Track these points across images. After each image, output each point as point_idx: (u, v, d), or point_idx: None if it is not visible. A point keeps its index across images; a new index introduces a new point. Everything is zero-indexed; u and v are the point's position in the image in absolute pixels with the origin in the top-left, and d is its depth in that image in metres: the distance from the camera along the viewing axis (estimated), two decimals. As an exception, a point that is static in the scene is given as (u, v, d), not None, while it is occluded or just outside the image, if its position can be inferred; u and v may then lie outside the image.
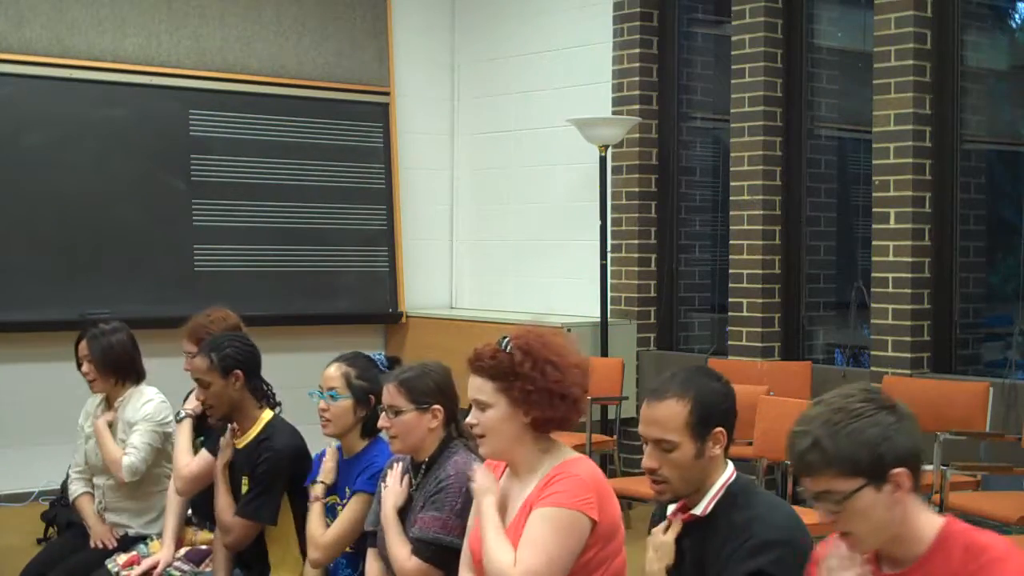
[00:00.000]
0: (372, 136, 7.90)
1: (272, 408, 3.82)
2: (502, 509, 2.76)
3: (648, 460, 2.47)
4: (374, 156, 7.90)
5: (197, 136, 7.27)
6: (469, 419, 2.77)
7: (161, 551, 4.00)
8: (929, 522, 2.07)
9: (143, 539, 4.19)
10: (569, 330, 6.89)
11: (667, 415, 2.45)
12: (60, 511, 5.35)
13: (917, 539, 2.06)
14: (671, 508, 2.55)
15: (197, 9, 7.32)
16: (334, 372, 3.49)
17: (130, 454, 4.15)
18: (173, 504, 4.06)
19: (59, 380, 4.65)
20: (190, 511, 4.13)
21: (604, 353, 6.80)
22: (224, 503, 3.70)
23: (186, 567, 3.95)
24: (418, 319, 7.88)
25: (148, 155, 7.11)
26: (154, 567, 3.97)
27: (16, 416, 6.67)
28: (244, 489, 3.68)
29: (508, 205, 8.03)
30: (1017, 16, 6.52)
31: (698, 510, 2.47)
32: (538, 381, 2.68)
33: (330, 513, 3.46)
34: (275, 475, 3.64)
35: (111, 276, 6.93)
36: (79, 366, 4.35)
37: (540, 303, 7.67)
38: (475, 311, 8.00)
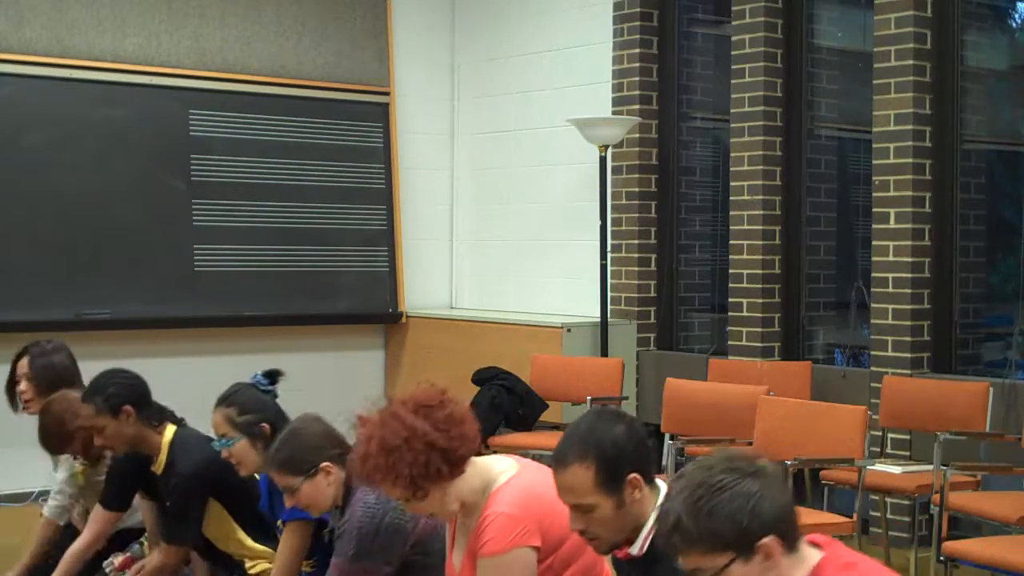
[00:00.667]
0: (372, 136, 7.90)
1: (174, 422, 3.80)
2: (459, 545, 2.77)
3: (573, 523, 2.45)
4: (374, 156, 7.90)
5: (197, 136, 7.26)
6: (408, 511, 2.75)
7: (151, 554, 4.01)
8: (803, 572, 2.04)
9: (137, 539, 4.19)
10: (569, 330, 6.90)
11: (574, 482, 2.42)
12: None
13: None
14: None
15: (197, 9, 7.32)
16: (218, 419, 3.47)
17: (53, 499, 4.21)
18: (148, 509, 4.05)
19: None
20: None
21: (604, 353, 6.80)
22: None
23: (178, 568, 3.95)
24: (418, 319, 7.88)
25: (148, 155, 7.11)
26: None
27: (16, 416, 6.65)
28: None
29: (508, 205, 8.03)
30: (1017, 16, 6.51)
31: (635, 550, 2.46)
32: (401, 466, 2.59)
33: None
34: (187, 498, 3.63)
35: (111, 276, 6.92)
36: (15, 384, 4.35)
37: (540, 303, 7.67)
38: (475, 311, 8.00)
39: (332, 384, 7.21)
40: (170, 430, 3.74)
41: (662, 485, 2.49)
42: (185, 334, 7.16)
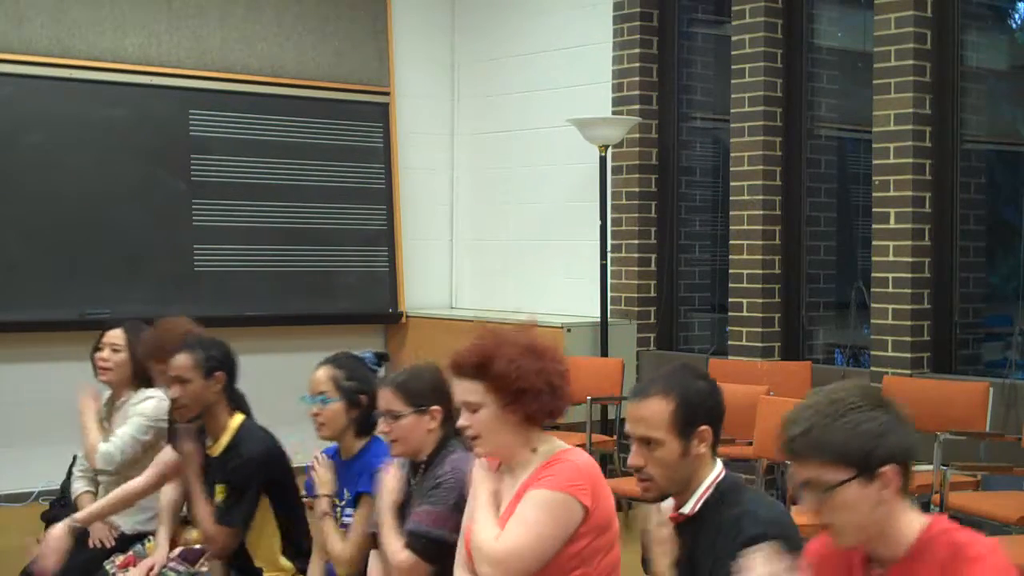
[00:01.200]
0: (372, 136, 7.90)
1: (244, 413, 3.81)
2: (496, 504, 2.75)
3: (634, 458, 2.49)
4: (374, 156, 7.90)
5: (197, 136, 7.27)
6: (461, 422, 2.74)
7: (155, 552, 4.00)
8: (915, 521, 2.06)
9: (141, 539, 4.18)
10: (569, 330, 6.90)
11: (651, 413, 2.46)
12: (60, 511, 5.32)
13: (902, 538, 2.05)
14: (665, 505, 2.54)
15: (197, 9, 7.32)
16: (322, 376, 3.48)
17: (109, 442, 4.15)
18: (167, 504, 4.06)
19: (59, 380, 4.65)
20: (184, 510, 4.12)
21: (604, 353, 6.80)
22: (204, 512, 3.66)
23: (181, 567, 3.93)
24: (418, 319, 7.88)
25: (148, 155, 7.11)
26: (150, 568, 3.96)
27: (16, 416, 6.67)
28: (217, 497, 3.65)
29: (508, 205, 8.03)
30: (1017, 16, 6.52)
31: (687, 508, 2.48)
32: (520, 374, 2.66)
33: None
34: (247, 480, 3.61)
35: (111, 276, 6.93)
36: (97, 350, 4.36)
37: (540, 303, 7.67)
38: (475, 311, 8.00)
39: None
40: (238, 417, 3.75)
41: (719, 462, 2.53)
42: (185, 334, 7.16)
